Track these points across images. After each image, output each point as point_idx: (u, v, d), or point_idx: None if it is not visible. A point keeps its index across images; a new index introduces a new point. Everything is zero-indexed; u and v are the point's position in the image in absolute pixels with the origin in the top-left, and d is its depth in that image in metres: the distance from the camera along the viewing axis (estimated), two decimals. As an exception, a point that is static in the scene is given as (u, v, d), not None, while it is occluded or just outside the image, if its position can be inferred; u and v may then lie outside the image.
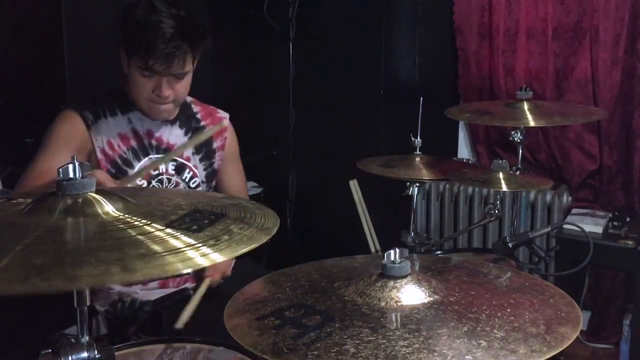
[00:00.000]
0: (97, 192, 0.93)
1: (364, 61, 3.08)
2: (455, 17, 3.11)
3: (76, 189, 0.91)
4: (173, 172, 1.89)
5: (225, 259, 0.83)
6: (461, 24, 3.11)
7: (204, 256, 0.81)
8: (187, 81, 1.79)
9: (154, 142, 1.86)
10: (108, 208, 0.90)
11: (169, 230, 0.87)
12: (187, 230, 0.87)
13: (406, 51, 3.19)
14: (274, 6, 3.14)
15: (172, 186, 1.89)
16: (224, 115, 2.04)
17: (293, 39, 3.16)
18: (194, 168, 1.94)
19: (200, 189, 1.96)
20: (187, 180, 1.92)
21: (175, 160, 1.89)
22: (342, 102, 3.15)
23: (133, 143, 1.82)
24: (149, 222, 0.88)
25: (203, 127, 1.97)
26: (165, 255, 0.80)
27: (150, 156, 1.85)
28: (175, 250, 0.81)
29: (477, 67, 3.11)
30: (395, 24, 3.11)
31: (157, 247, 0.81)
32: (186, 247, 0.83)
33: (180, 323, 1.58)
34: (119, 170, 1.79)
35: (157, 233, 0.85)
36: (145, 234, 0.85)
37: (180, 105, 1.90)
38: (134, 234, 0.85)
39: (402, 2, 3.14)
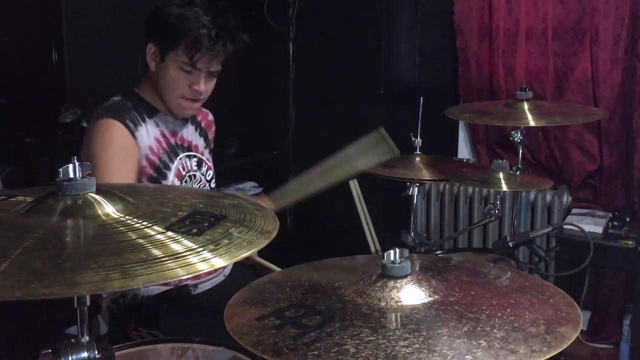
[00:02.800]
0: (97, 192, 0.92)
1: (364, 61, 3.08)
2: (455, 17, 3.11)
3: (76, 190, 0.91)
4: (196, 167, 1.93)
5: (226, 264, 0.83)
6: (461, 24, 3.11)
7: (205, 261, 0.81)
8: (215, 80, 1.83)
9: (179, 142, 1.89)
10: (108, 209, 0.90)
11: (169, 233, 0.86)
12: (187, 234, 0.87)
13: (406, 51, 3.19)
14: (274, 6, 3.14)
15: (197, 181, 1.93)
16: (206, 110, 2.08)
17: (293, 39, 3.16)
18: (207, 161, 1.99)
19: (213, 180, 2.01)
20: (204, 173, 1.97)
21: (196, 156, 1.93)
22: (342, 102, 3.15)
23: (165, 145, 1.84)
24: (149, 225, 0.88)
25: (201, 122, 2.02)
26: (166, 260, 0.79)
27: (180, 156, 1.87)
28: (176, 255, 0.81)
29: (477, 67, 3.11)
30: (395, 24, 3.11)
31: (157, 252, 0.81)
32: (186, 251, 0.82)
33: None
34: (159, 174, 1.80)
35: (158, 236, 0.85)
36: (146, 237, 0.85)
37: None
38: (134, 237, 0.84)
39: (402, 2, 3.14)
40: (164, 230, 0.87)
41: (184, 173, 1.87)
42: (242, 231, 0.92)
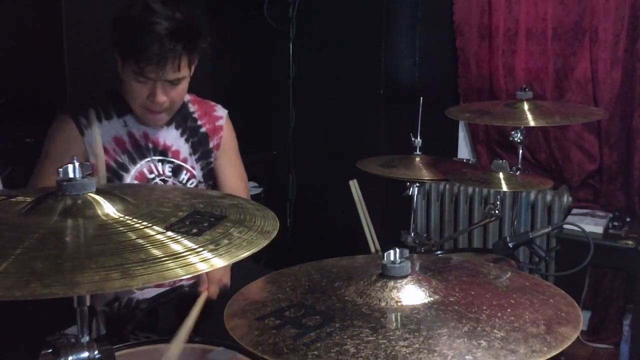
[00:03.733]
0: (97, 192, 0.92)
1: (364, 61, 3.08)
2: (455, 17, 3.11)
3: (76, 190, 0.91)
4: (170, 173, 1.87)
5: (226, 264, 0.83)
6: (461, 24, 3.11)
7: (205, 261, 0.81)
8: (182, 87, 1.74)
9: (150, 145, 1.83)
10: (108, 209, 0.90)
11: (169, 233, 0.86)
12: (187, 234, 0.87)
13: (406, 51, 3.19)
14: (274, 6, 3.15)
15: None
16: (222, 113, 1.99)
17: (293, 39, 3.16)
18: (191, 169, 1.91)
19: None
20: (184, 181, 1.90)
21: (172, 162, 1.87)
22: (342, 102, 3.16)
23: (129, 147, 1.80)
24: (149, 225, 0.88)
25: (199, 127, 1.94)
26: (165, 260, 0.79)
27: (148, 159, 1.82)
28: (175, 255, 0.81)
29: (477, 67, 3.11)
30: (395, 24, 3.11)
31: (157, 252, 0.81)
32: (186, 251, 0.82)
33: (176, 342, 1.40)
34: (114, 175, 1.77)
35: (157, 236, 0.85)
36: (145, 237, 0.85)
37: None
38: (134, 237, 0.84)
39: (402, 2, 3.14)
40: (164, 230, 0.87)
41: (150, 176, 1.82)
42: (242, 231, 0.92)
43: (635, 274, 2.61)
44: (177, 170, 1.88)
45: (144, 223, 0.88)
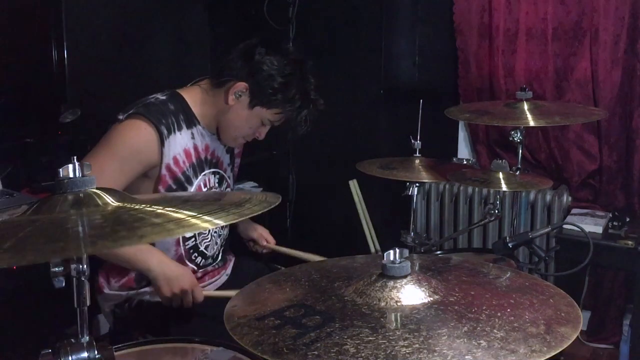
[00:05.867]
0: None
1: (364, 61, 3.08)
2: (455, 17, 3.11)
3: (77, 186, 0.91)
4: (217, 184, 1.91)
5: (224, 223, 0.88)
6: (461, 24, 3.11)
7: (207, 222, 0.86)
8: None
9: (209, 157, 1.87)
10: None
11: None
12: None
13: (406, 51, 3.19)
14: (274, 6, 3.14)
15: None
16: None
17: (293, 39, 3.16)
18: (228, 179, 1.97)
19: None
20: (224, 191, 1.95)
21: (219, 173, 1.92)
22: (342, 102, 3.15)
23: (194, 159, 1.81)
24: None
25: None
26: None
27: (205, 172, 1.85)
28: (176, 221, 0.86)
29: (477, 67, 3.11)
30: (395, 24, 3.11)
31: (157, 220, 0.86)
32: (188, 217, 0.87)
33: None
34: (179, 186, 1.78)
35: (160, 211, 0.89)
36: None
37: None
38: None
39: (402, 2, 3.14)
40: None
41: (204, 189, 1.85)
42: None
43: (635, 274, 2.61)
44: (220, 181, 1.93)
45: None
